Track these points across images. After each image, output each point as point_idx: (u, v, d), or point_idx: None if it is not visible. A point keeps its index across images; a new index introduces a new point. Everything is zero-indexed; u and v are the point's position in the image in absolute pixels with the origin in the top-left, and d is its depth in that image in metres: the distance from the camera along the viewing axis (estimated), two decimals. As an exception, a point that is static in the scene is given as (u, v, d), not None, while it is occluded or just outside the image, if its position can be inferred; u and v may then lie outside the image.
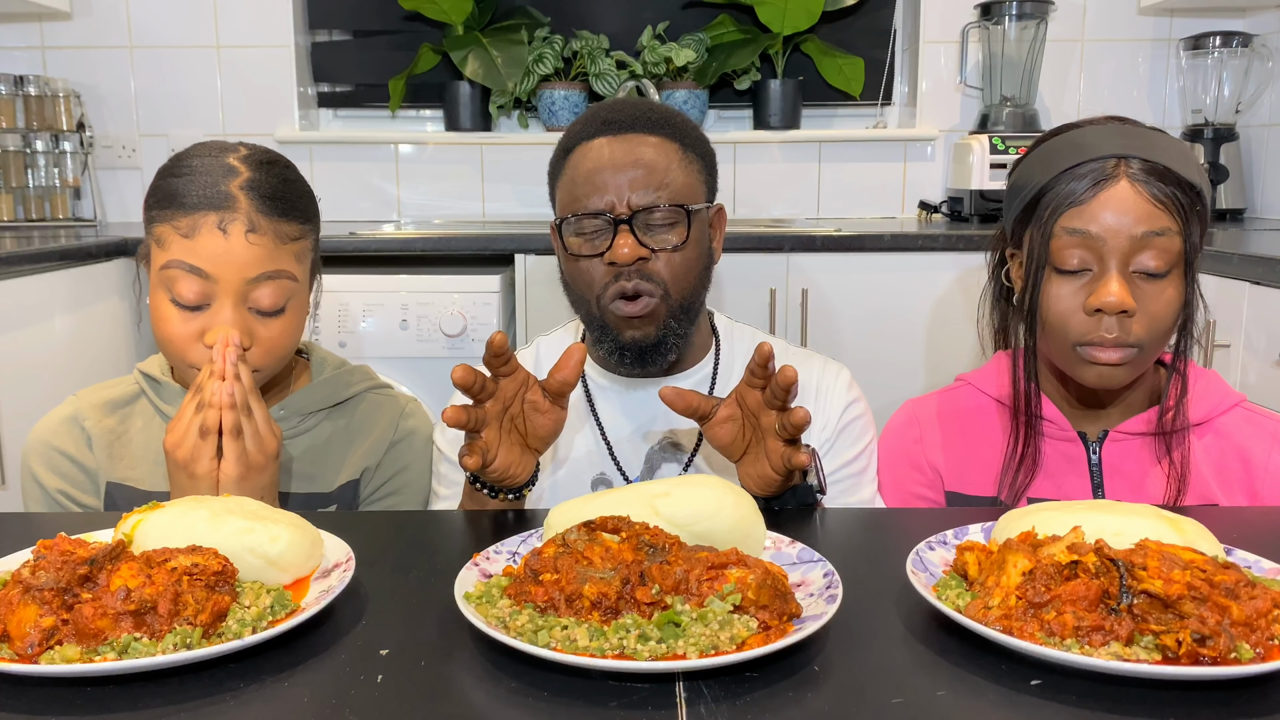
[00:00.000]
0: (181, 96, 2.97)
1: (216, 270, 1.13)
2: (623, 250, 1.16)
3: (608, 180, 1.17)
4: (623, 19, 3.00)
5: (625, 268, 1.17)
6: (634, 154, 1.18)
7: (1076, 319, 1.13)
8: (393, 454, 1.32)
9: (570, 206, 1.20)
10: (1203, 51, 2.82)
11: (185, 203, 1.14)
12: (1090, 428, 1.23)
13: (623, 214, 1.17)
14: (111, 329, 2.30)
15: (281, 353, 1.19)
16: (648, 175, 1.17)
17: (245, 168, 1.17)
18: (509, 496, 1.08)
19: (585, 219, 1.18)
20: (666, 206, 1.17)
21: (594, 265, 1.19)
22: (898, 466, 1.31)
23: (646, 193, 1.17)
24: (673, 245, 1.18)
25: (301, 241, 1.20)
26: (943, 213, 2.94)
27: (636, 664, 0.66)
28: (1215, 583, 0.69)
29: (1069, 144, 1.17)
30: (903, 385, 2.36)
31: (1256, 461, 1.20)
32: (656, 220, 1.18)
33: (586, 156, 1.19)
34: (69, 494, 1.23)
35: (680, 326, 1.22)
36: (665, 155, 1.19)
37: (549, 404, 1.03)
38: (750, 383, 1.02)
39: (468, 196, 3.04)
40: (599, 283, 1.19)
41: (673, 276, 1.19)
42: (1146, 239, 1.10)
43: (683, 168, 1.20)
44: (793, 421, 0.99)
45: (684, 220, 1.19)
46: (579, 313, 1.26)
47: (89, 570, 0.72)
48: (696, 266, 1.22)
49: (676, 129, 1.22)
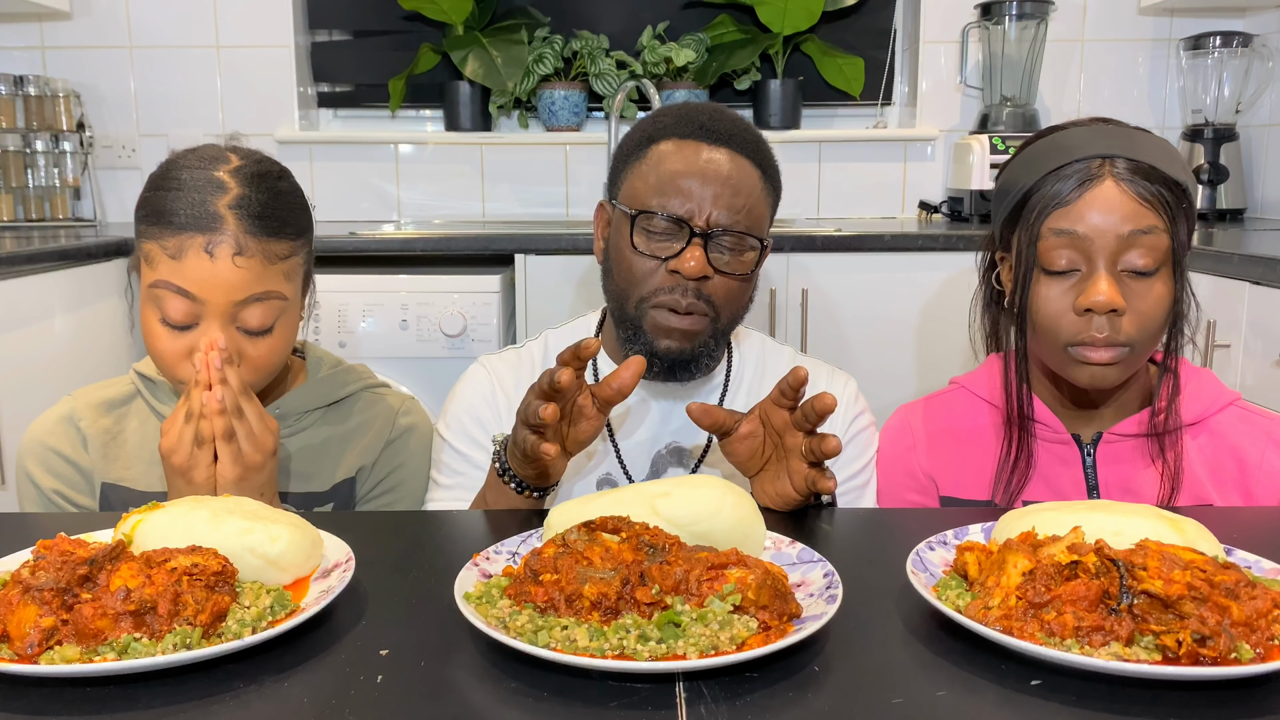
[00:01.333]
0: (181, 96, 2.97)
1: (203, 293, 1.11)
2: (690, 264, 1.13)
3: (694, 188, 1.14)
4: (623, 19, 3.00)
5: (685, 281, 1.15)
6: (725, 169, 1.15)
7: (1066, 320, 1.13)
8: (389, 452, 1.31)
9: (645, 199, 1.16)
10: (1203, 51, 2.82)
11: (173, 222, 1.12)
12: (1084, 430, 1.23)
13: (700, 227, 1.14)
14: (111, 329, 2.30)
15: (270, 369, 1.19)
16: (734, 196, 1.15)
17: (235, 183, 1.14)
18: (535, 494, 1.08)
19: (663, 219, 1.15)
20: (745, 233, 1.16)
21: (653, 266, 1.16)
22: (892, 474, 1.31)
23: (730, 214, 1.15)
24: (738, 273, 1.16)
25: (292, 259, 1.18)
26: (943, 213, 2.94)
27: (636, 664, 0.66)
28: (1215, 583, 0.69)
29: (1053, 146, 1.17)
30: (903, 385, 2.36)
31: (1251, 461, 1.20)
32: (728, 244, 1.16)
33: (676, 154, 1.16)
34: (64, 494, 1.23)
35: (716, 347, 1.21)
36: (752, 180, 1.17)
37: (595, 410, 1.03)
38: (778, 402, 1.02)
39: (468, 196, 3.04)
40: (652, 285, 1.16)
41: (726, 301, 1.17)
42: (1134, 237, 1.10)
43: (763, 198, 1.19)
44: (825, 449, 0.97)
45: (755, 251, 1.18)
46: (613, 305, 1.23)
47: (89, 570, 0.72)
48: (748, 295, 1.21)
49: (765, 157, 1.20)
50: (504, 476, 1.07)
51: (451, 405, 1.30)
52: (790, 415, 1.01)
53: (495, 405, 1.28)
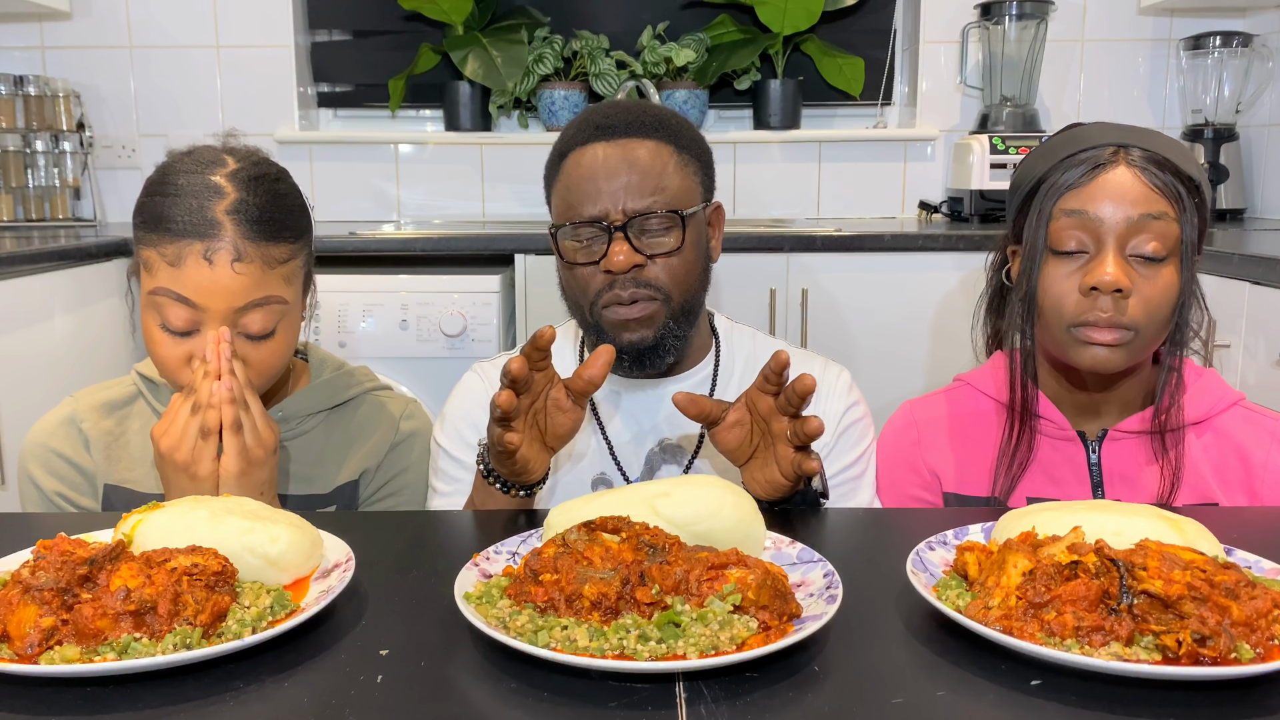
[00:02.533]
0: (181, 96, 2.97)
1: (203, 300, 1.11)
2: (617, 258, 1.15)
3: (601, 187, 1.16)
4: (623, 19, 3.00)
5: (621, 275, 1.16)
6: (627, 159, 1.17)
7: (1072, 299, 1.14)
8: (393, 455, 1.31)
9: (565, 213, 1.20)
10: (1203, 51, 2.82)
11: (171, 228, 1.11)
12: (1089, 427, 1.23)
13: (617, 221, 1.16)
14: (111, 329, 2.30)
15: (272, 372, 1.19)
16: (642, 180, 1.17)
17: (232, 187, 1.14)
18: (520, 493, 1.08)
19: (581, 226, 1.18)
20: (662, 212, 1.17)
21: (590, 272, 1.18)
22: (895, 469, 1.31)
23: (641, 198, 1.16)
24: (668, 250, 1.18)
25: (291, 263, 1.18)
26: (943, 213, 2.94)
27: (636, 664, 0.66)
28: (1215, 583, 0.69)
29: (1069, 137, 1.19)
30: (903, 385, 2.36)
31: (1256, 461, 1.20)
32: (652, 226, 1.17)
33: (580, 163, 1.19)
34: (66, 496, 1.23)
35: (679, 328, 1.21)
36: (660, 159, 1.19)
37: (570, 403, 1.04)
38: (763, 388, 1.02)
39: (467, 196, 3.04)
40: (595, 289, 1.18)
41: (671, 281, 1.18)
42: (1143, 222, 1.11)
43: (678, 170, 1.20)
44: (807, 430, 0.98)
45: (679, 225, 1.18)
46: (575, 318, 1.26)
47: (89, 570, 0.72)
48: (695, 269, 1.21)
49: (670, 130, 1.21)
50: (489, 477, 1.08)
51: (448, 413, 1.31)
52: (775, 400, 1.02)
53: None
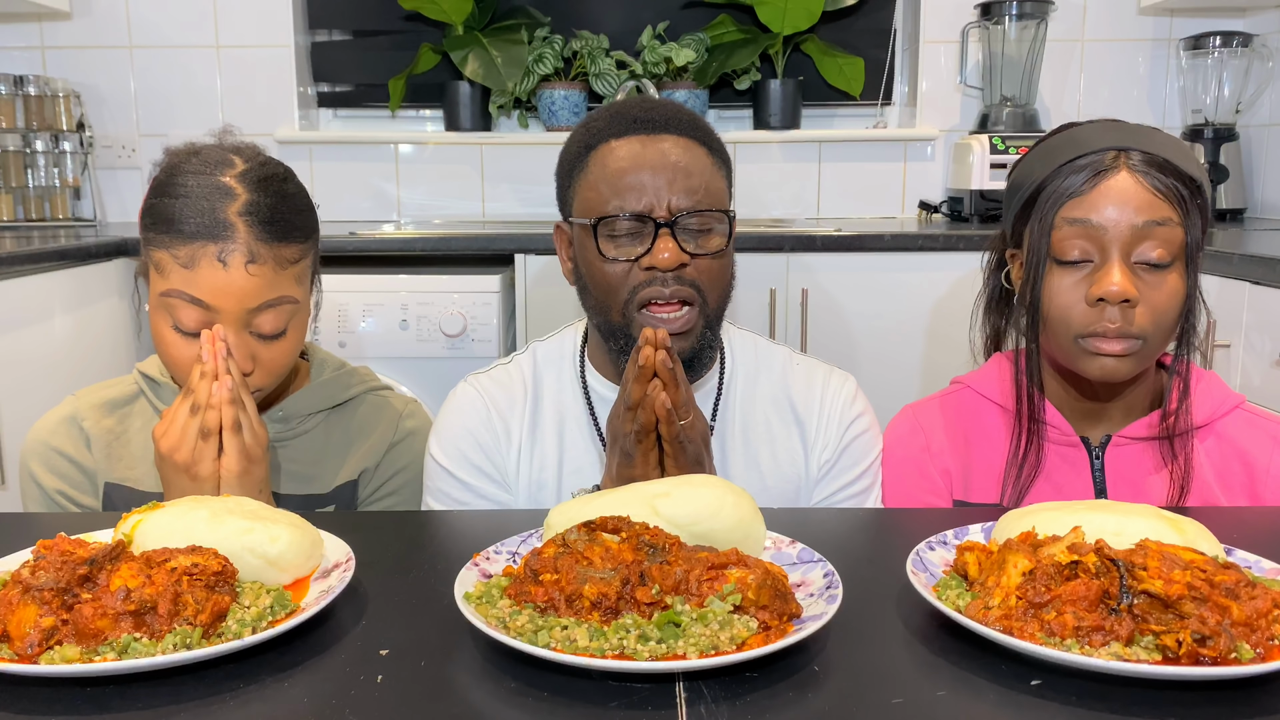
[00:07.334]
0: (181, 96, 2.97)
1: (217, 301, 1.11)
2: (664, 255, 1.11)
3: (647, 180, 1.12)
4: (623, 19, 3.00)
5: (664, 273, 1.13)
6: (672, 155, 1.14)
7: (1078, 310, 1.12)
8: (392, 455, 1.31)
9: (599, 207, 1.14)
10: (1203, 51, 2.82)
11: (182, 230, 1.11)
12: (1093, 433, 1.22)
13: (664, 217, 1.12)
14: (111, 329, 2.30)
15: (282, 372, 1.19)
16: (688, 177, 1.13)
17: (242, 188, 1.13)
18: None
19: (623, 220, 1.13)
20: (710, 210, 1.14)
21: (625, 269, 1.14)
22: (906, 477, 1.28)
23: (688, 195, 1.13)
24: (713, 250, 1.14)
25: (302, 262, 1.18)
26: (943, 213, 2.94)
27: (636, 664, 0.66)
28: (1215, 583, 0.69)
29: (1068, 140, 1.17)
30: (903, 385, 2.36)
31: (1258, 464, 1.19)
32: (696, 225, 1.14)
33: (617, 155, 1.14)
34: (67, 494, 1.23)
35: (713, 337, 1.18)
36: (700, 158, 1.16)
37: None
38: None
39: (468, 196, 3.04)
40: (630, 287, 1.14)
41: (710, 283, 1.15)
42: (1148, 228, 1.10)
43: (714, 173, 1.17)
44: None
45: (725, 225, 1.15)
46: (597, 319, 1.19)
47: (89, 570, 0.72)
48: (729, 272, 1.19)
49: (706, 133, 1.19)
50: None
51: (446, 430, 1.24)
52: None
53: (493, 428, 1.24)
